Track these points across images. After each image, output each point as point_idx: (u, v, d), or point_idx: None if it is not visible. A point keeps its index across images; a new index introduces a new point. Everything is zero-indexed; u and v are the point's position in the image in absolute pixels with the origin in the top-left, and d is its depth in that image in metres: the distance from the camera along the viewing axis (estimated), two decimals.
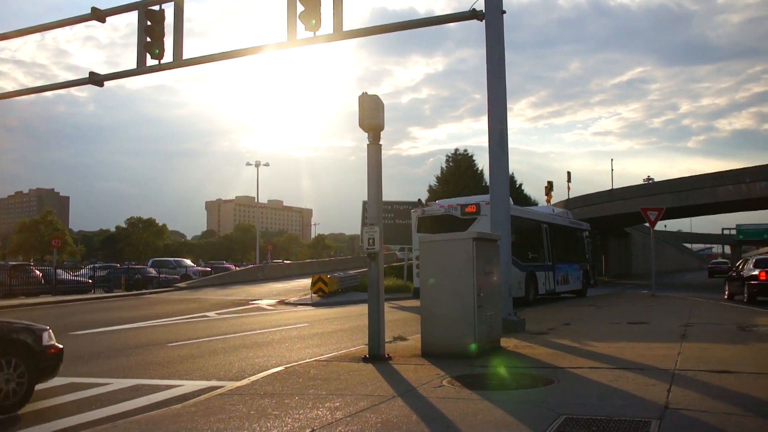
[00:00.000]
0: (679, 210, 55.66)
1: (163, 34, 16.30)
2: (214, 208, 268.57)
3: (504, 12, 14.25)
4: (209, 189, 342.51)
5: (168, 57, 16.37)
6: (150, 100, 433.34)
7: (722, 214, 71.05)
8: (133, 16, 16.66)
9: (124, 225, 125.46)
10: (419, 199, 29.64)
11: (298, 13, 14.88)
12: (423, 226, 25.23)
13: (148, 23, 16.19)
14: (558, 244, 28.73)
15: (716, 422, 5.67)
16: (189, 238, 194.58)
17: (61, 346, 8.33)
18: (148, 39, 16.21)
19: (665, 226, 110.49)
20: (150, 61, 16.47)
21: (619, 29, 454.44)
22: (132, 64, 16.80)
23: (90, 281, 38.29)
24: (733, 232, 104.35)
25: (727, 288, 28.08)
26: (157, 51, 16.26)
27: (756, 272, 24.00)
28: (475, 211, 24.03)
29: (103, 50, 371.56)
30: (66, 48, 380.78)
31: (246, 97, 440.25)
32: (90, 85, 17.88)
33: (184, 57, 16.49)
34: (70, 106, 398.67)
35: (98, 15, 17.02)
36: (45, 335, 8.13)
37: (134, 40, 16.46)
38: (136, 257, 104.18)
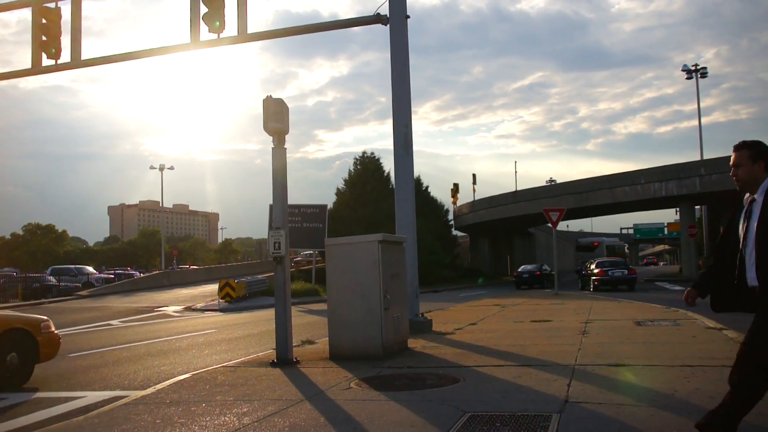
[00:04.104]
0: (580, 210, 57.59)
1: (59, 33, 15.73)
2: (117, 213, 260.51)
3: (408, 17, 14.45)
4: (111, 193, 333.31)
5: (65, 57, 15.82)
6: (46, 101, 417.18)
7: (621, 214, 73.96)
8: (25, 13, 16.09)
9: (20, 232, 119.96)
10: (580, 233, 79.13)
11: (202, 14, 14.67)
12: (578, 249, 58.84)
13: (43, 21, 15.60)
14: (616, 253, 59.71)
15: (612, 413, 5.93)
16: (91, 244, 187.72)
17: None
18: (44, 38, 15.63)
19: (567, 226, 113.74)
20: (46, 61, 15.88)
21: (519, 35, 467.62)
22: (26, 63, 16.17)
23: None
24: (631, 231, 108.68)
25: (580, 282, 39.47)
26: (54, 50, 15.68)
27: (597, 270, 35.18)
28: (597, 245, 54.15)
29: None
30: None
31: (148, 99, 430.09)
32: None
33: (83, 57, 15.97)
34: None
35: None
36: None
37: (27, 37, 15.88)
38: (34, 265, 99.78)
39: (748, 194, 4.69)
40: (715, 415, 4.62)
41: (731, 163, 4.76)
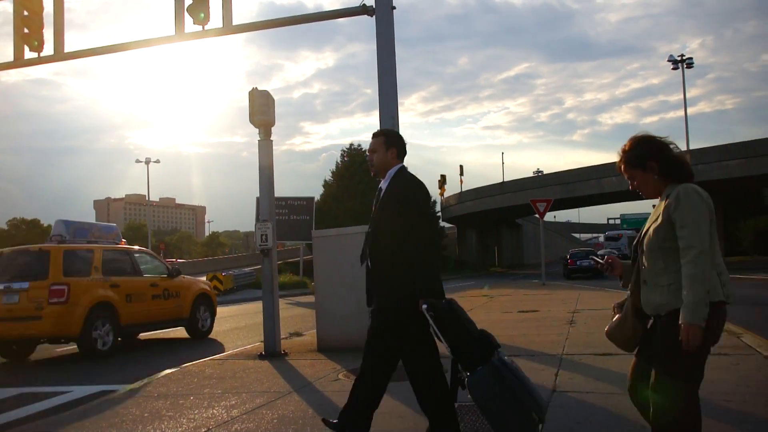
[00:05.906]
0: (567, 201, 57.82)
1: (42, 25, 15.52)
2: (103, 207, 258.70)
3: (394, 8, 14.36)
4: (97, 187, 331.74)
5: (48, 49, 15.64)
6: (29, 94, 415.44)
7: (608, 205, 74.58)
8: (6, 5, 15.88)
9: (5, 226, 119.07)
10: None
11: (186, 6, 14.52)
12: (606, 239, 66.72)
13: (25, 13, 15.42)
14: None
15: (598, 402, 5.97)
16: None
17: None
18: (26, 30, 15.44)
19: (554, 217, 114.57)
20: (28, 54, 15.70)
21: (505, 26, 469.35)
22: (8, 56, 15.98)
23: None
24: (618, 221, 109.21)
25: (563, 270, 42.35)
26: (36, 43, 15.49)
27: (569, 260, 40.15)
28: (622, 237, 61.82)
29: None
30: None
31: (133, 92, 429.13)
32: None
33: (66, 50, 15.81)
34: None
35: None
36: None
37: (8, 30, 15.68)
38: None
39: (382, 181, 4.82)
40: (345, 411, 4.76)
41: (368, 149, 4.91)
